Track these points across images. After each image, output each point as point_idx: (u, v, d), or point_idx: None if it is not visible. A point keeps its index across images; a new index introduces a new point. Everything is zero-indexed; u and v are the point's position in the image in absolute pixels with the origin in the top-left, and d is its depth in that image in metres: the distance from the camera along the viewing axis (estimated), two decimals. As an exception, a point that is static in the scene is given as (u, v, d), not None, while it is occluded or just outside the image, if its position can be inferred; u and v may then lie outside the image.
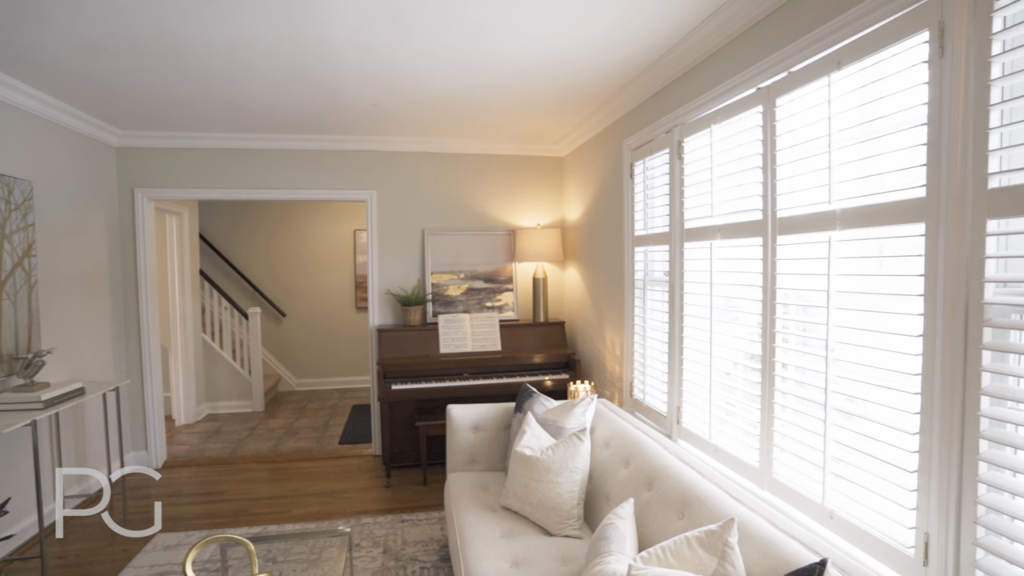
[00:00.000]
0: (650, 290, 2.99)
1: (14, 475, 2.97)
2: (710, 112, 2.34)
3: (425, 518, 3.24)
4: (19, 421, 2.49)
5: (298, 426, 5.18)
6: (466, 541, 2.03)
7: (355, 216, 6.68)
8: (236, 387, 5.71)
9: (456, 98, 3.28)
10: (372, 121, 3.77)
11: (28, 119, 3.13)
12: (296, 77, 2.91)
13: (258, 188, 4.19)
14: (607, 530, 1.63)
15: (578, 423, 2.40)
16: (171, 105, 3.36)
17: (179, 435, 4.95)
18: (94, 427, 3.71)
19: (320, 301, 6.68)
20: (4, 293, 2.86)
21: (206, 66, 2.73)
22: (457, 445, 2.76)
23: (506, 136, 4.22)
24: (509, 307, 4.41)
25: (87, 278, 3.66)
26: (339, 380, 6.76)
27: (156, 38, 2.41)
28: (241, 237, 6.49)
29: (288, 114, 3.58)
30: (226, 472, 4.07)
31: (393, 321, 4.33)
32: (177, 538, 3.06)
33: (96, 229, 3.77)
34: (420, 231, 4.35)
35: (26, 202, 3.04)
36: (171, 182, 4.10)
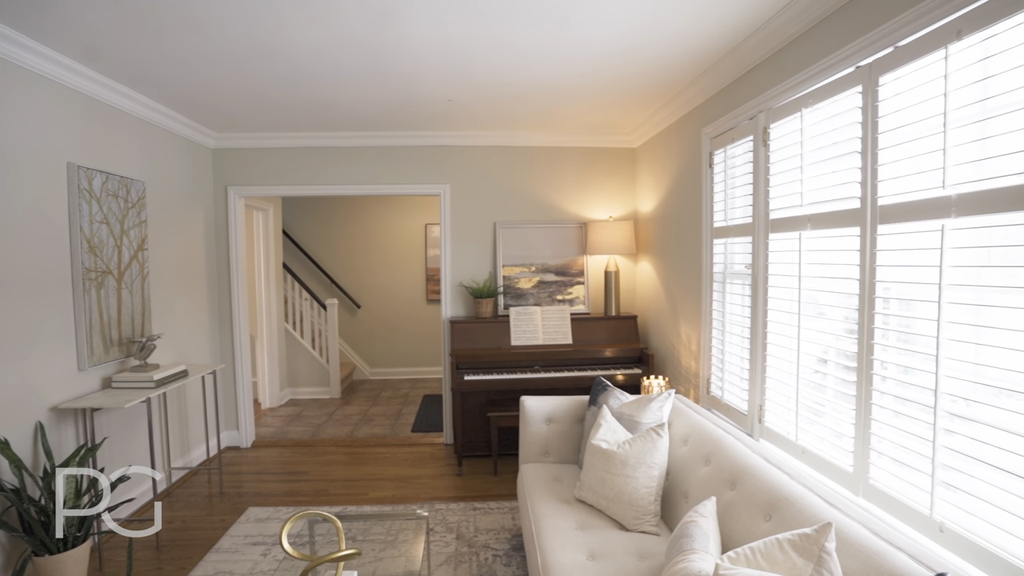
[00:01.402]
0: (730, 283, 2.87)
1: (132, 445, 3.28)
2: (800, 95, 2.21)
3: (496, 507, 3.29)
4: (137, 398, 2.75)
5: (372, 413, 5.40)
6: (542, 531, 2.04)
7: (426, 210, 6.85)
8: (315, 374, 6.02)
9: (531, 90, 3.29)
10: (446, 116, 3.84)
11: (142, 126, 3.43)
12: (376, 76, 3.01)
13: (337, 184, 4.38)
14: (689, 527, 1.58)
15: (655, 418, 2.35)
16: (261, 107, 3.57)
17: (265, 417, 5.28)
18: (194, 406, 4.03)
19: (393, 293, 6.92)
20: (123, 283, 3.16)
21: (295, 69, 2.88)
22: (530, 436, 2.78)
23: (578, 128, 4.18)
24: (580, 300, 4.38)
25: (188, 270, 3.97)
26: (410, 370, 6.98)
27: (253, 45, 2.57)
28: (320, 232, 6.82)
29: (367, 112, 3.71)
30: (307, 454, 4.30)
31: (465, 313, 4.42)
32: (267, 512, 3.28)
33: (195, 225, 4.08)
34: (492, 224, 4.40)
35: (140, 201, 3.33)
36: (259, 180, 4.37)
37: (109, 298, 3.05)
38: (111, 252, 3.07)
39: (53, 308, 2.71)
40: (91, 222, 2.91)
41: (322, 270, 6.76)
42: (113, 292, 3.08)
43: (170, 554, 2.85)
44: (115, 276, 3.10)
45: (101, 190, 2.99)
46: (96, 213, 2.95)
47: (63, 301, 2.77)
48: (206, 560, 2.76)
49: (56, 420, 2.71)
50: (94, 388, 2.96)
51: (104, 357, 3.00)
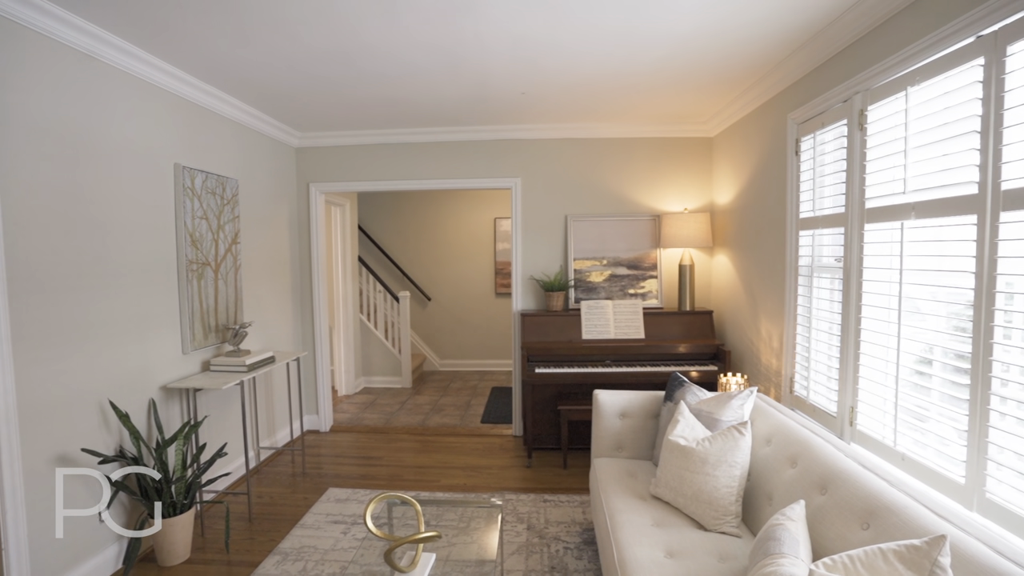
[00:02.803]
0: (818, 277, 2.71)
1: (227, 424, 3.54)
2: (905, 73, 2.04)
3: (567, 500, 3.28)
4: (232, 380, 2.96)
5: (442, 403, 5.53)
6: (617, 526, 2.02)
7: (496, 204, 6.92)
8: (388, 364, 6.25)
9: (605, 80, 3.23)
10: (518, 110, 3.85)
11: (236, 128, 3.68)
12: (451, 71, 3.06)
13: (410, 179, 4.50)
14: (776, 531, 1.51)
15: (735, 416, 2.26)
16: (340, 106, 3.72)
17: (341, 404, 5.54)
18: (279, 390, 4.29)
19: (462, 287, 7.05)
20: (219, 274, 3.40)
21: (373, 68, 2.98)
22: (603, 431, 2.75)
23: (652, 118, 4.07)
24: (653, 294, 4.28)
25: (273, 263, 4.22)
26: (478, 362, 7.09)
27: (336, 47, 2.68)
28: (393, 227, 7.05)
29: (439, 108, 3.79)
30: (381, 440, 4.47)
31: (535, 306, 4.43)
32: (346, 493, 3.44)
33: (280, 220, 4.33)
34: (563, 217, 4.38)
35: (234, 198, 3.57)
36: (337, 176, 4.56)
37: (207, 288, 3.29)
38: (209, 245, 3.31)
39: (162, 297, 2.96)
40: (193, 218, 3.15)
41: (395, 263, 6.99)
42: (211, 282, 3.32)
43: (260, 526, 3.05)
44: (213, 268, 3.34)
45: (201, 188, 3.23)
46: (197, 209, 3.19)
47: (170, 290, 3.02)
48: (292, 534, 2.93)
49: (164, 398, 2.96)
50: (195, 370, 3.22)
51: (203, 342, 3.25)
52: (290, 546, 2.82)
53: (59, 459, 2.34)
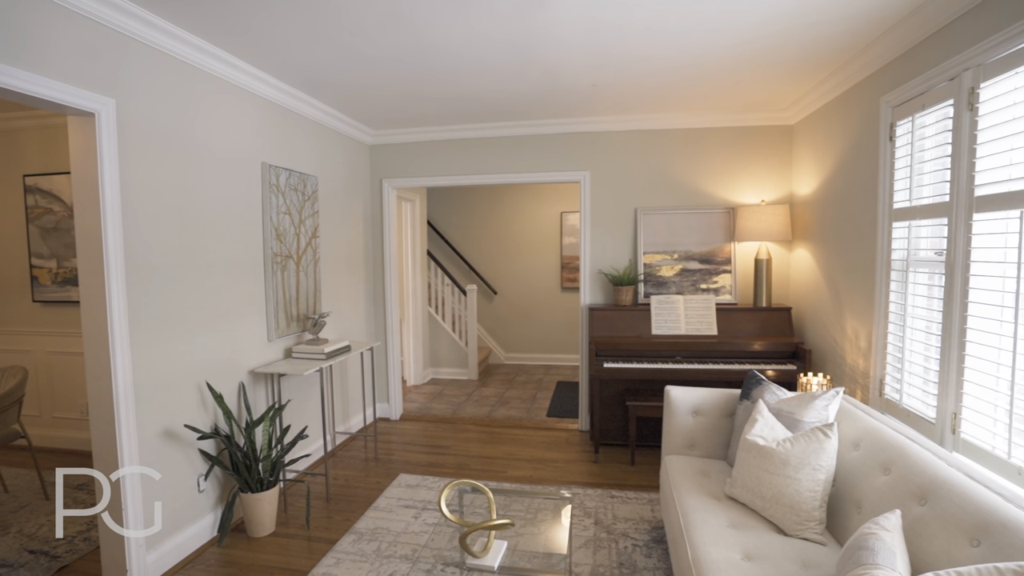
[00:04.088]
0: (914, 272, 2.51)
1: (307, 409, 3.74)
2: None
3: (635, 497, 3.23)
4: (312, 367, 3.12)
5: (508, 396, 5.58)
6: (691, 525, 1.97)
7: (562, 198, 6.89)
8: (454, 356, 6.38)
9: (679, 69, 3.13)
10: (587, 102, 3.81)
11: (316, 127, 3.86)
12: (521, 65, 3.07)
13: (479, 174, 4.56)
14: (869, 540, 1.42)
15: (819, 417, 2.14)
16: (412, 104, 3.82)
17: (410, 394, 5.71)
18: (353, 378, 4.48)
19: (528, 281, 7.08)
20: (300, 266, 3.60)
21: (445, 64, 3.04)
22: (675, 428, 2.68)
23: (727, 106, 3.91)
24: (726, 290, 4.12)
25: (348, 256, 4.40)
26: (544, 357, 7.10)
27: (410, 45, 2.75)
28: (460, 221, 7.18)
29: (508, 102, 3.80)
30: (448, 430, 4.58)
31: (603, 300, 4.38)
32: (416, 479, 3.55)
33: (355, 215, 4.51)
34: (632, 210, 4.29)
35: (313, 194, 3.76)
36: (408, 172, 4.69)
37: (290, 279, 3.48)
38: (292, 239, 3.50)
39: (250, 287, 3.16)
40: (277, 213, 3.34)
41: (462, 257, 7.12)
42: (293, 274, 3.52)
43: (337, 506, 3.21)
44: (295, 260, 3.53)
45: (285, 185, 3.42)
46: (281, 205, 3.38)
47: (256, 281, 3.22)
48: (366, 516, 3.06)
49: (252, 381, 3.17)
50: (279, 357, 3.42)
51: (286, 331, 3.45)
52: (365, 527, 2.94)
53: (165, 433, 2.57)
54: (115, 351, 2.30)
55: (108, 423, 2.33)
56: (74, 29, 2.13)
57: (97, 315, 2.29)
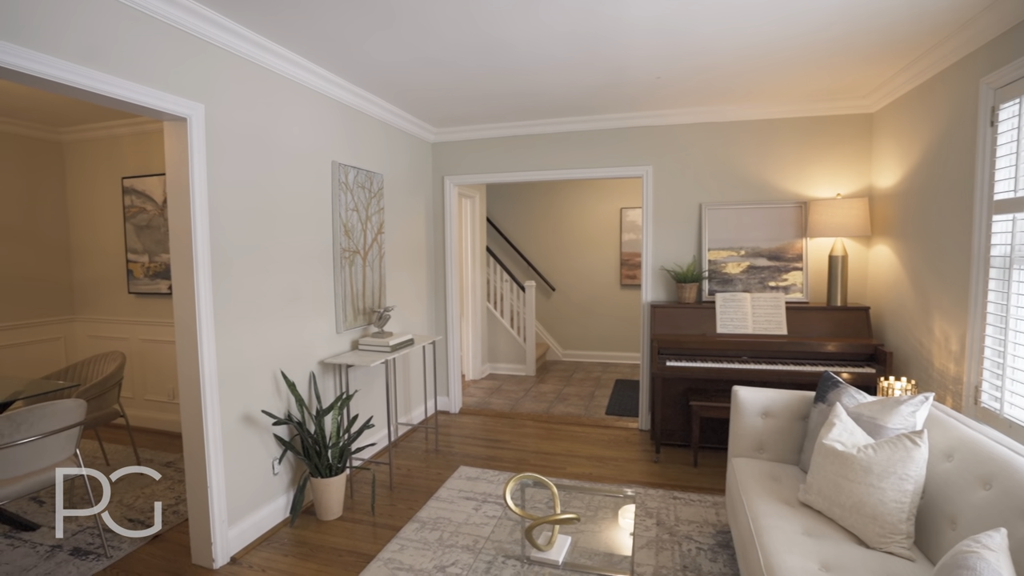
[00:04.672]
0: (1019, 269, 2.30)
1: (371, 399, 3.88)
2: None
3: (698, 500, 3.15)
4: (379, 359, 3.23)
5: (566, 393, 5.56)
6: (762, 530, 1.89)
7: (622, 194, 6.79)
8: (512, 352, 6.42)
9: (748, 58, 3.01)
10: (651, 96, 3.73)
11: (381, 126, 3.98)
12: (586, 60, 3.04)
13: (539, 170, 4.55)
14: (970, 559, 1.31)
15: (905, 424, 2.00)
16: (475, 101, 3.86)
17: (468, 388, 5.80)
18: (415, 371, 4.60)
19: (586, 277, 7.02)
20: (367, 262, 3.72)
21: (509, 61, 3.05)
22: (743, 429, 2.59)
23: (800, 96, 3.72)
24: (797, 288, 3.93)
25: (411, 252, 4.51)
26: (602, 354, 7.03)
27: (476, 43, 2.78)
28: (519, 217, 7.21)
29: (570, 97, 3.78)
30: (506, 425, 4.61)
31: (666, 298, 4.28)
32: (476, 472, 3.60)
33: (418, 212, 4.62)
34: (697, 206, 4.17)
35: (379, 191, 3.88)
36: (469, 169, 4.75)
37: (357, 274, 3.61)
38: (359, 235, 3.63)
39: (321, 281, 3.31)
40: (346, 210, 3.47)
41: (520, 254, 7.15)
42: (359, 269, 3.64)
43: (400, 495, 3.30)
44: (361, 255, 3.66)
45: (353, 182, 3.55)
46: (349, 202, 3.51)
47: (326, 275, 3.36)
48: (428, 505, 3.14)
49: (322, 371, 3.32)
50: (346, 348, 3.55)
51: (353, 323, 3.58)
52: (427, 516, 3.02)
53: (244, 417, 2.73)
54: (202, 340, 2.47)
55: (195, 407, 2.50)
56: (170, 41, 2.29)
57: (187, 307, 2.46)
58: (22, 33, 1.78)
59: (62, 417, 2.49)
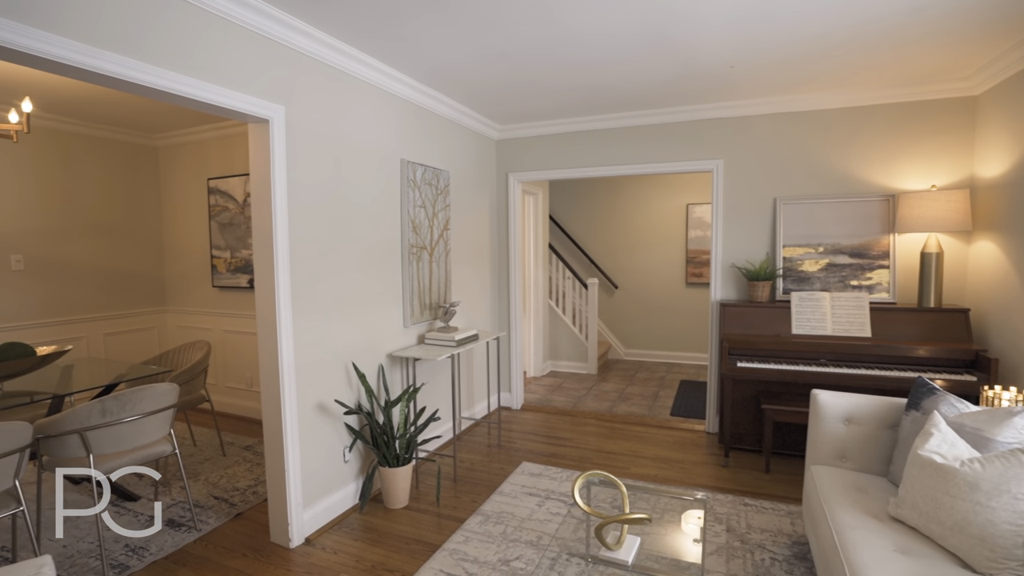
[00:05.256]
0: None
1: (438, 392, 3.96)
2: None
3: (771, 508, 3.00)
4: (445, 353, 3.28)
5: (629, 392, 5.46)
6: (848, 544, 1.77)
7: (689, 189, 6.58)
8: (574, 350, 6.37)
9: (835, 42, 2.83)
10: (723, 86, 3.58)
11: (447, 124, 4.04)
12: (655, 50, 2.95)
13: (604, 165, 4.48)
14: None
15: (1018, 438, 1.82)
16: (540, 97, 3.84)
17: (530, 385, 5.80)
18: (478, 366, 4.65)
19: (650, 275, 6.87)
20: (433, 257, 3.80)
21: (577, 55, 3.01)
22: (823, 436, 2.44)
23: (890, 80, 3.46)
24: (882, 287, 3.66)
25: (475, 248, 4.56)
26: (665, 354, 6.85)
27: (544, 37, 2.76)
28: (581, 214, 7.14)
29: (637, 90, 3.69)
30: (568, 422, 4.58)
31: (736, 296, 4.11)
32: (538, 468, 3.59)
33: (482, 209, 4.66)
34: (771, 200, 3.97)
35: (445, 188, 3.94)
36: (533, 166, 4.74)
37: (423, 270, 3.69)
38: (426, 231, 3.70)
39: (390, 276, 3.40)
40: (414, 206, 3.55)
41: (583, 251, 7.08)
42: (426, 265, 3.72)
43: (463, 487, 3.35)
44: (428, 251, 3.74)
45: (421, 180, 3.62)
46: (417, 199, 3.59)
47: (394, 271, 3.45)
48: (492, 499, 3.17)
49: (390, 364, 3.41)
50: (413, 342, 3.64)
51: (419, 318, 3.66)
52: (491, 509, 3.04)
53: (318, 406, 2.85)
54: (281, 331, 2.59)
55: (275, 394, 2.63)
56: (255, 47, 2.42)
57: (267, 299, 2.60)
58: (129, 45, 1.93)
59: (159, 399, 2.70)
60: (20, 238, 4.21)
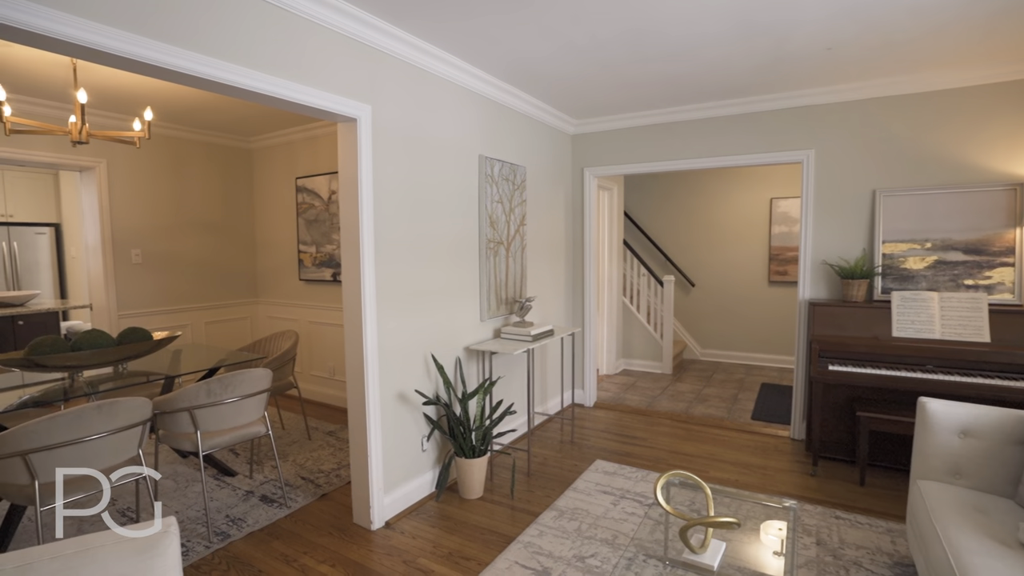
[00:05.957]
0: None
1: (512, 386, 3.99)
2: None
3: (867, 523, 2.79)
4: (521, 348, 3.30)
5: (706, 393, 5.26)
6: (969, 571, 1.61)
7: (773, 183, 6.24)
8: (648, 348, 6.22)
9: (955, 13, 2.57)
10: (817, 71, 3.35)
11: (523, 120, 4.05)
12: (744, 36, 2.81)
13: (682, 159, 4.33)
14: None
15: None
16: (617, 90, 3.76)
17: (602, 383, 5.73)
18: (552, 362, 4.64)
19: (729, 273, 6.58)
20: (509, 252, 3.82)
21: (658, 44, 2.92)
22: (932, 449, 2.24)
23: (1018, 51, 3.10)
24: (1004, 287, 3.30)
25: (551, 244, 4.55)
26: (744, 355, 6.55)
27: (628, 28, 2.70)
28: (656, 210, 6.95)
29: (721, 80, 3.53)
30: (642, 422, 4.48)
31: (828, 295, 3.85)
32: (613, 467, 3.54)
33: (557, 204, 4.64)
34: (869, 192, 3.68)
35: (522, 184, 3.95)
36: (609, 160, 4.66)
37: (500, 265, 3.72)
38: (503, 226, 3.73)
39: (467, 271, 3.46)
40: (491, 202, 3.59)
41: (658, 248, 6.90)
42: (502, 260, 3.75)
43: (537, 482, 3.36)
44: (504, 246, 3.77)
45: (498, 175, 3.66)
46: (494, 194, 3.62)
47: (472, 266, 3.51)
48: (566, 495, 3.15)
49: (466, 357, 3.47)
50: (488, 336, 3.69)
51: (495, 312, 3.70)
52: (565, 505, 3.03)
53: (399, 395, 2.95)
54: (366, 322, 2.70)
55: (359, 382, 2.75)
56: (344, 49, 2.53)
57: (354, 292, 2.71)
58: (237, 53, 2.07)
59: (255, 383, 2.89)
60: (139, 234, 4.66)
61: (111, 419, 2.29)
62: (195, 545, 2.65)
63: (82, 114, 2.93)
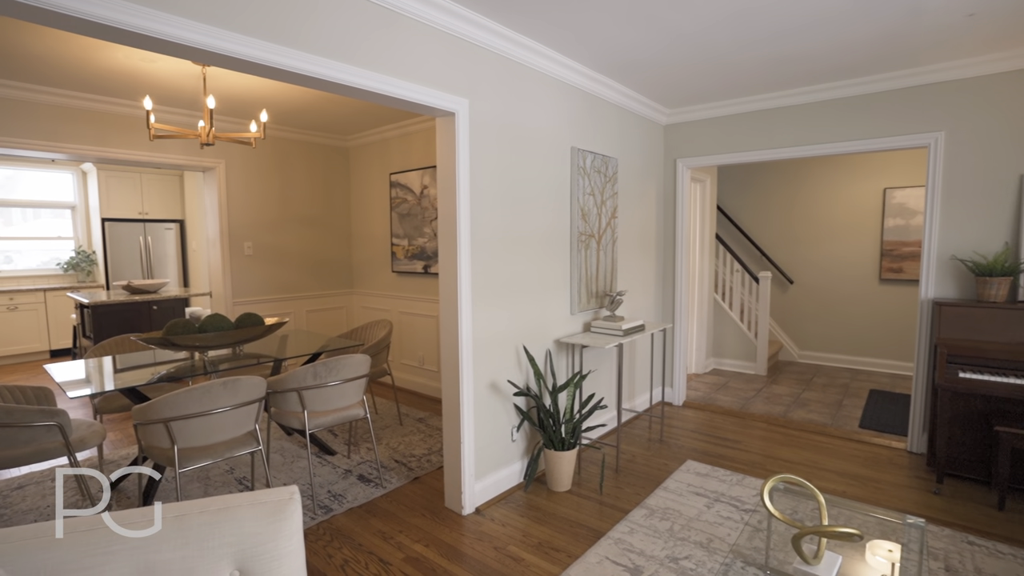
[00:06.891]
0: None
1: (601, 381, 3.94)
2: None
3: (1008, 553, 2.49)
4: (612, 342, 3.24)
5: (805, 398, 4.93)
6: None
7: (887, 171, 5.71)
8: (741, 347, 5.91)
9: None
10: (952, 42, 3.01)
11: (615, 110, 3.97)
12: (868, 7, 2.58)
13: (785, 147, 4.05)
14: None
15: None
16: (715, 75, 3.58)
17: (691, 381, 5.51)
18: (641, 358, 4.53)
19: (834, 269, 6.10)
20: (600, 245, 3.77)
21: (764, 25, 2.74)
22: (1098, 469, 1.95)
23: None
24: None
25: (641, 237, 4.43)
26: (849, 359, 6.06)
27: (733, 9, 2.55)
28: (751, 203, 6.58)
29: (836, 57, 3.26)
30: (735, 424, 4.26)
31: (957, 294, 3.46)
32: (705, 469, 3.40)
33: (649, 196, 4.51)
34: (1015, 179, 3.26)
35: (614, 175, 3.88)
36: (703, 151, 4.46)
37: (590, 258, 3.68)
38: (594, 219, 3.68)
39: (558, 263, 3.45)
40: (583, 194, 3.55)
41: (753, 243, 6.53)
42: (593, 253, 3.70)
43: (625, 479, 3.29)
44: (596, 239, 3.71)
45: (590, 167, 3.61)
46: (586, 186, 3.58)
47: (563, 258, 3.49)
48: (656, 494, 3.06)
49: (556, 350, 3.47)
50: (579, 330, 3.66)
51: (585, 306, 3.66)
52: (655, 504, 2.95)
53: (491, 385, 2.99)
54: (462, 313, 2.77)
55: (454, 371, 2.82)
56: (442, 44, 2.59)
57: (450, 283, 2.78)
58: (345, 52, 2.18)
59: (355, 368, 3.05)
60: (251, 228, 5.06)
61: (234, 395, 2.50)
62: (303, 516, 2.84)
63: (210, 118, 3.22)
